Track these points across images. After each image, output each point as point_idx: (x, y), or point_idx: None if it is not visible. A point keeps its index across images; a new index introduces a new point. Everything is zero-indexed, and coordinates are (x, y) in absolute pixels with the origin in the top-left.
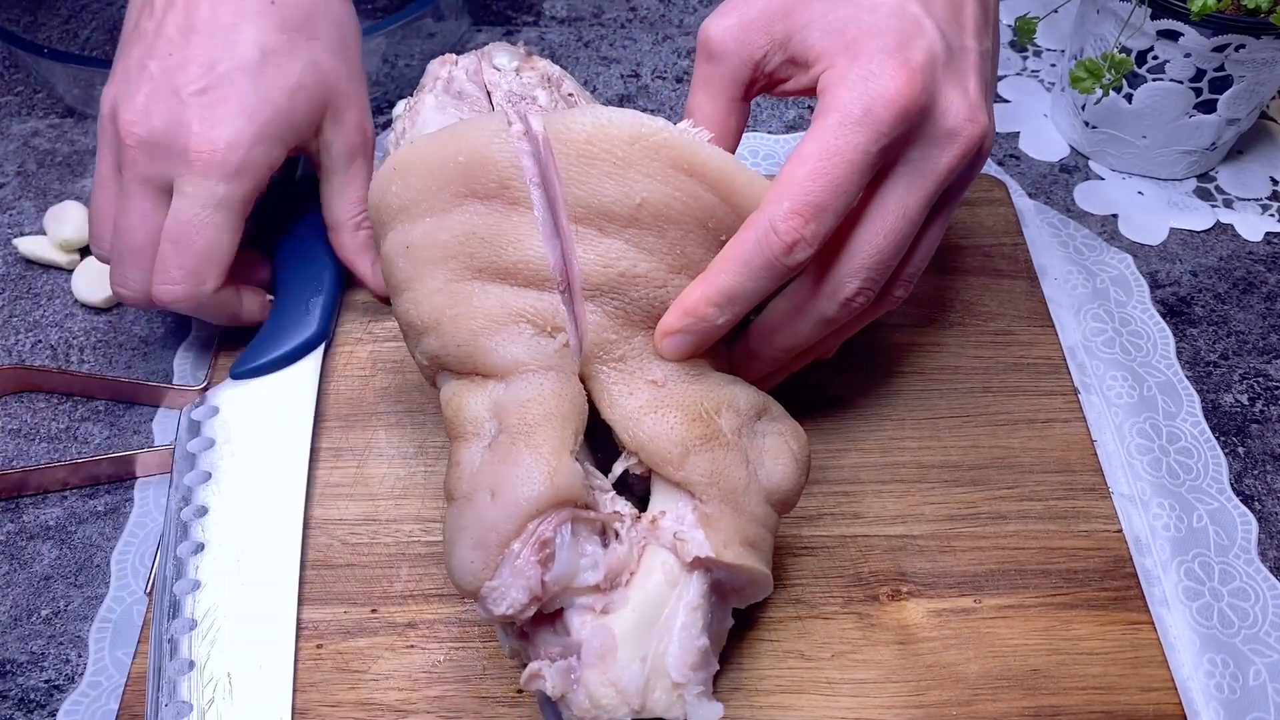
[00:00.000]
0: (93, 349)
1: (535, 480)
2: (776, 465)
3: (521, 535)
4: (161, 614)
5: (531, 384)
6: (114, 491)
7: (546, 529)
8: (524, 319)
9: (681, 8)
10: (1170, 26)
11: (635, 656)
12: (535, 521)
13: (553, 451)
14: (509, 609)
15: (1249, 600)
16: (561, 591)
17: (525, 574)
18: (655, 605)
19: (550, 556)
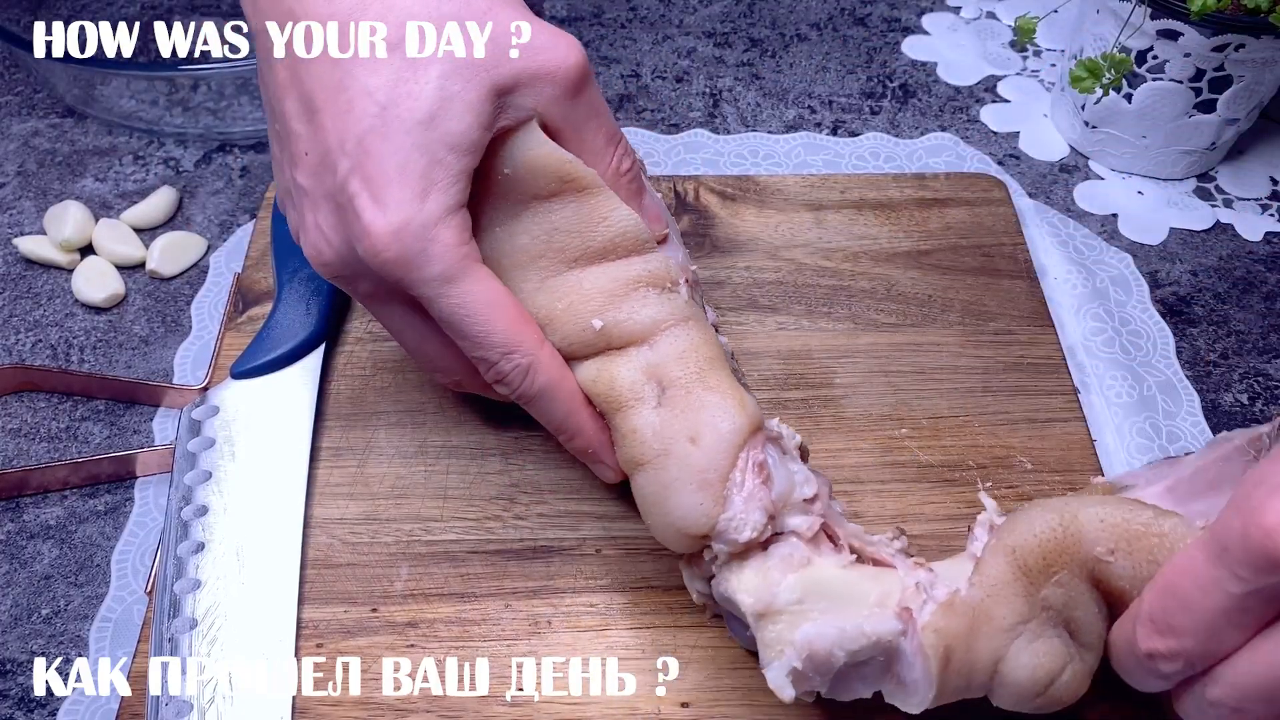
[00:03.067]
0: (93, 349)
1: (731, 414)
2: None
3: (736, 466)
4: (161, 613)
5: (678, 337)
6: (114, 491)
7: (758, 454)
8: (643, 284)
9: (681, 8)
10: (1170, 26)
11: (796, 592)
12: (744, 451)
13: (731, 386)
14: (753, 532)
15: None
16: (785, 509)
17: (757, 496)
18: (849, 594)
19: (769, 477)
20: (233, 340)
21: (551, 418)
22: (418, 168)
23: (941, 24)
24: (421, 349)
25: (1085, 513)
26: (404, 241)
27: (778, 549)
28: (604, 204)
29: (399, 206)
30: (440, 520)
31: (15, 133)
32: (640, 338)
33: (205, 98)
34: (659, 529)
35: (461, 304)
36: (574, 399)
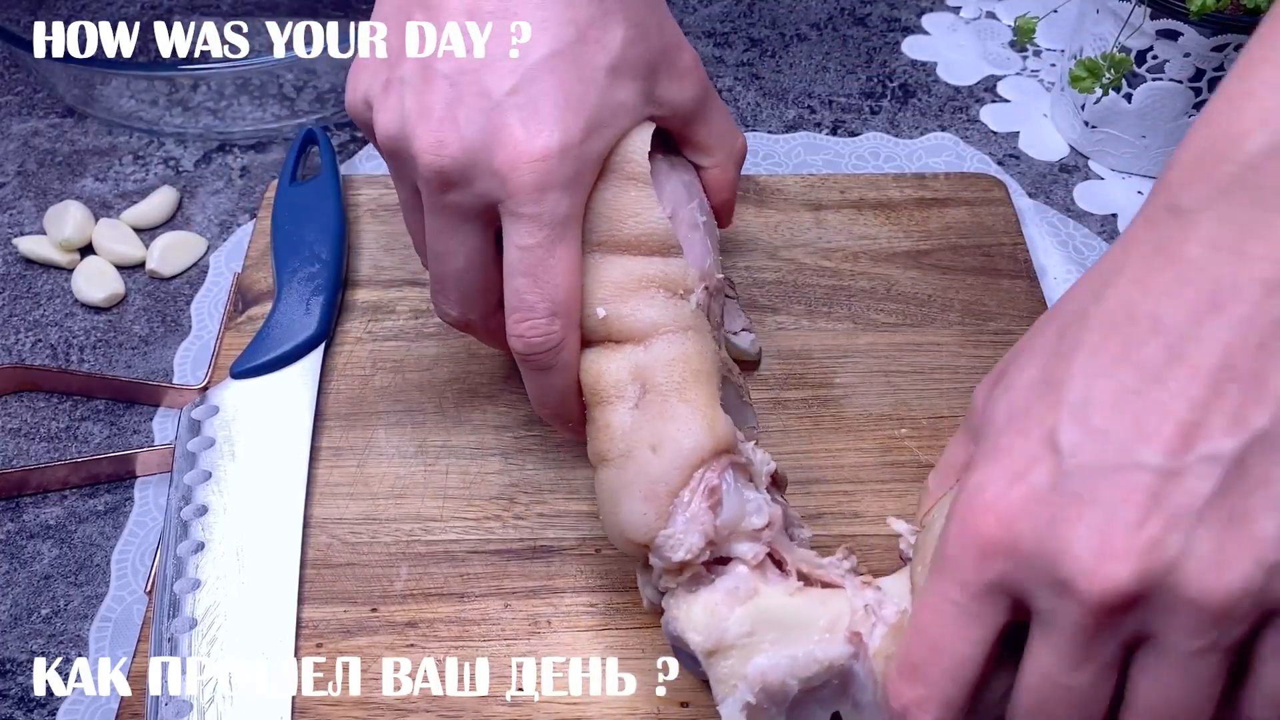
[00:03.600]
0: (93, 348)
1: (696, 431)
2: None
3: (689, 484)
4: (161, 613)
5: (673, 344)
6: (114, 491)
7: (713, 476)
8: (654, 284)
9: (681, 8)
10: (1170, 26)
11: (745, 624)
12: (700, 470)
13: (707, 404)
14: (687, 554)
15: None
16: (730, 536)
17: (699, 519)
18: (798, 621)
19: (719, 502)
20: (232, 340)
21: (549, 394)
22: (590, 107)
23: (941, 24)
24: (462, 276)
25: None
26: (552, 165)
27: (723, 582)
28: (642, 200)
29: (566, 132)
30: (440, 520)
31: (15, 133)
32: (638, 336)
33: (205, 98)
34: (608, 527)
35: (556, 248)
36: (575, 382)
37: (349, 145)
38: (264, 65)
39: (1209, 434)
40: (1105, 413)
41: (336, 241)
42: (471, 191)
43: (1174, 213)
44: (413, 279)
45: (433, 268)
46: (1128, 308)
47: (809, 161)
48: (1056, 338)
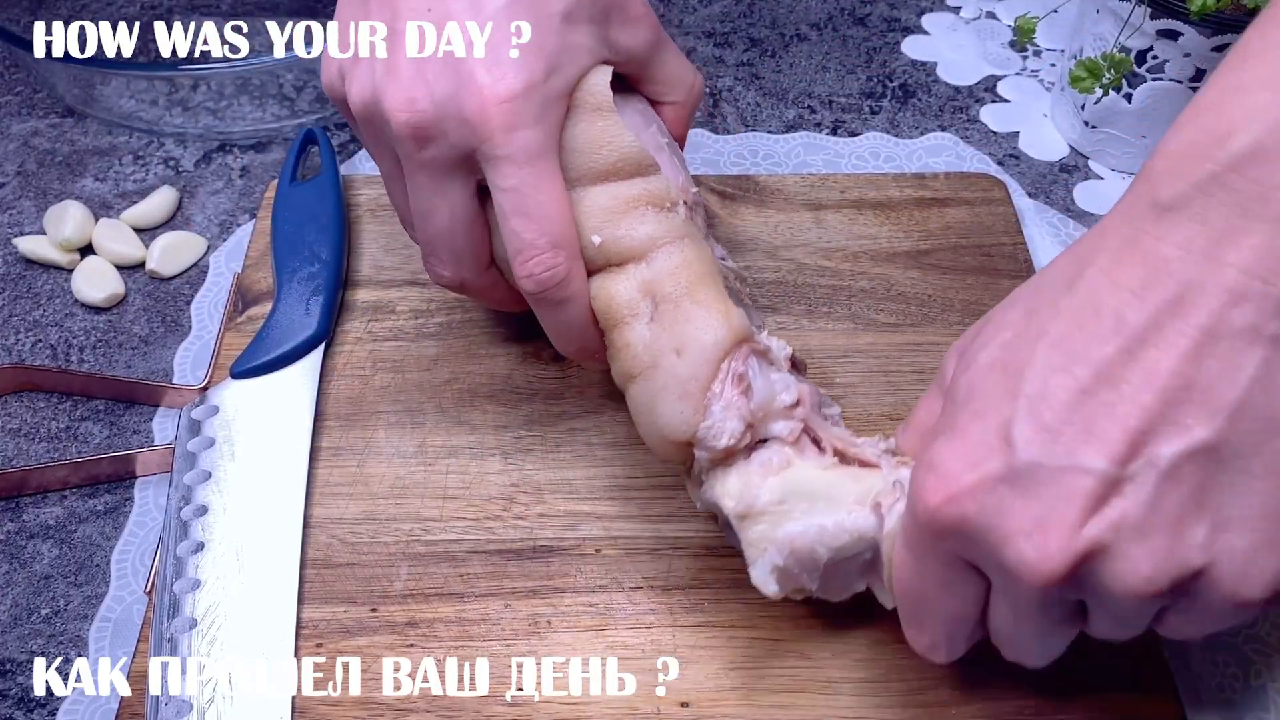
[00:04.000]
0: (93, 349)
1: (715, 326)
2: None
3: (718, 376)
4: (161, 613)
5: (672, 253)
6: (114, 491)
7: (738, 365)
8: (641, 203)
9: (681, 8)
10: (1170, 26)
11: (777, 493)
12: (726, 362)
13: (718, 300)
14: (730, 439)
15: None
16: (765, 417)
17: (735, 405)
18: (830, 494)
19: (749, 388)
20: (232, 340)
21: (568, 329)
22: (549, 49)
23: (941, 24)
24: (450, 233)
25: None
26: (519, 105)
27: (759, 454)
28: (610, 128)
29: (529, 74)
30: (440, 520)
31: (15, 133)
32: (638, 254)
33: (205, 98)
34: (648, 438)
35: (539, 183)
36: (589, 312)
37: (349, 145)
38: (264, 65)
39: (1154, 442)
40: (1058, 411)
41: (336, 241)
42: (447, 143)
43: (1154, 207)
44: (413, 279)
45: (421, 230)
46: (1094, 301)
47: (809, 161)
48: (1025, 319)
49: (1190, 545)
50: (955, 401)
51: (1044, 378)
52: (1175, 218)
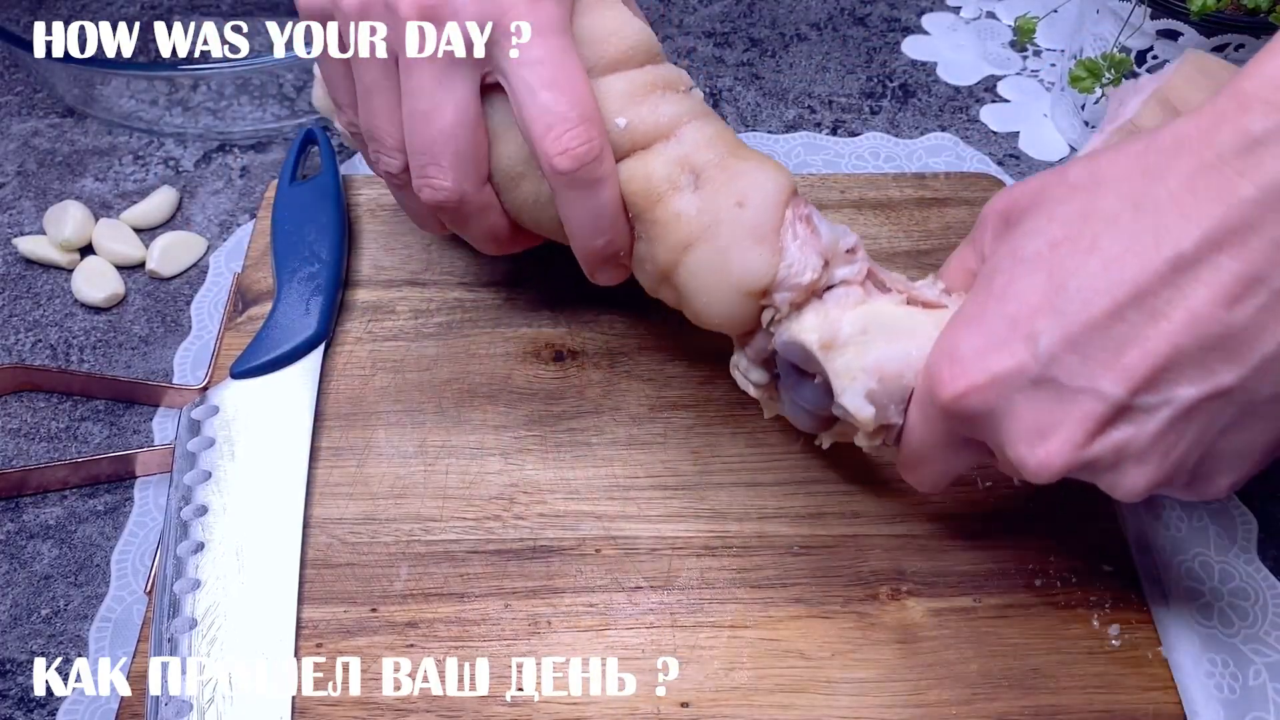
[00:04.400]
0: (93, 349)
1: (772, 175)
2: None
3: (785, 220)
4: (161, 613)
5: (700, 128)
6: (114, 491)
7: (802, 209)
8: (658, 87)
9: (681, 8)
10: (1170, 26)
11: (858, 325)
12: (788, 209)
13: (759, 160)
14: (814, 273)
15: (1249, 600)
16: (833, 258)
17: (809, 242)
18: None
19: (815, 229)
20: (232, 340)
21: (600, 217)
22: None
23: (941, 24)
24: (454, 134)
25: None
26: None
27: (832, 294)
28: (616, 17)
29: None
30: (440, 520)
31: (15, 133)
32: (664, 133)
33: (205, 98)
34: (719, 301)
35: (565, 57)
36: (620, 198)
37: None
38: (264, 65)
39: (1176, 381)
40: (1090, 332)
41: (336, 241)
42: (461, 24)
43: (1242, 135)
44: (413, 279)
45: (421, 136)
46: (1156, 227)
47: (809, 161)
48: (1080, 221)
49: (1181, 471)
50: (989, 287)
51: (1085, 295)
52: (1263, 154)
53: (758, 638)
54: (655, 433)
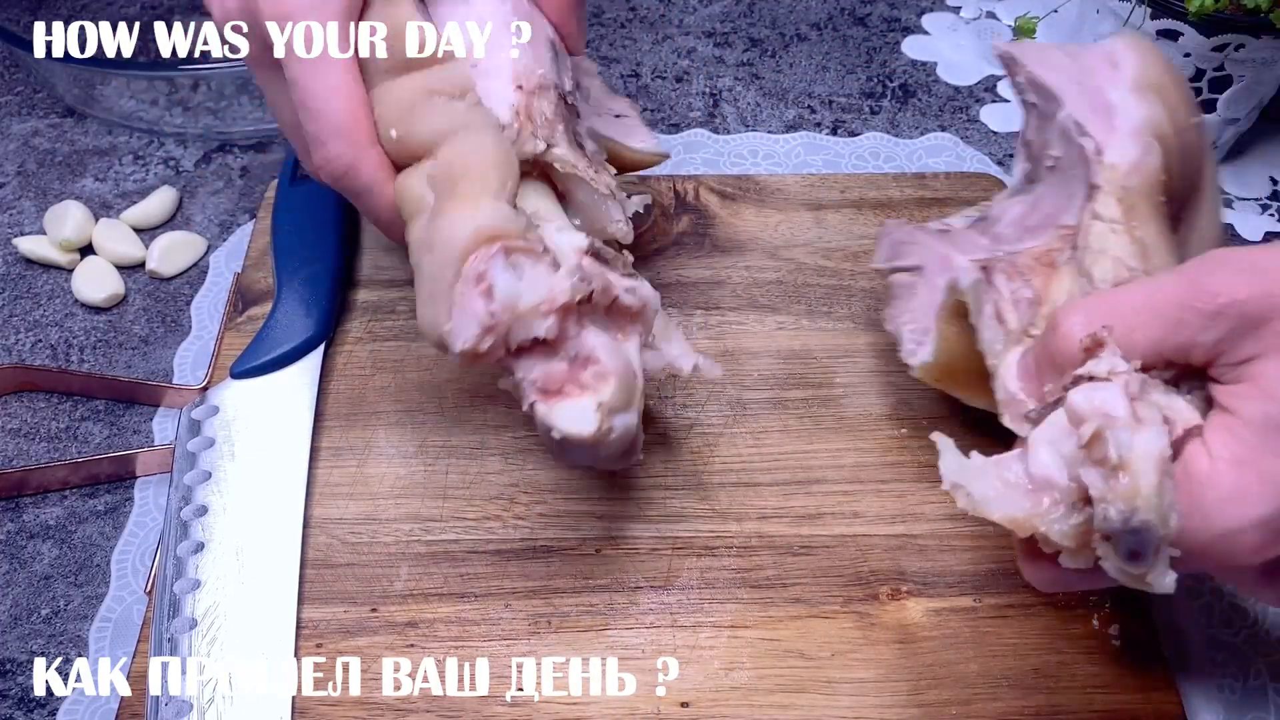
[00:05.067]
0: (93, 349)
1: (458, 223)
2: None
3: (461, 276)
4: (161, 613)
5: (452, 146)
6: (114, 491)
7: (478, 264)
8: (434, 93)
9: (681, 8)
10: (1170, 26)
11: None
12: (470, 260)
13: (475, 196)
14: (464, 344)
15: (1249, 600)
16: (514, 319)
17: (472, 309)
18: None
19: (490, 288)
20: (232, 340)
21: (374, 218)
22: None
23: (941, 24)
24: (281, 118)
25: None
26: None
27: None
28: (401, 12)
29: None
30: (440, 520)
31: (15, 133)
32: (428, 149)
33: (205, 98)
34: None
35: (310, 74)
36: (388, 201)
37: None
38: None
39: None
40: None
41: (336, 241)
42: (255, 43)
43: None
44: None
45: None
46: None
47: (809, 161)
48: None
49: None
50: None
51: None
52: None
53: (758, 638)
54: (655, 433)
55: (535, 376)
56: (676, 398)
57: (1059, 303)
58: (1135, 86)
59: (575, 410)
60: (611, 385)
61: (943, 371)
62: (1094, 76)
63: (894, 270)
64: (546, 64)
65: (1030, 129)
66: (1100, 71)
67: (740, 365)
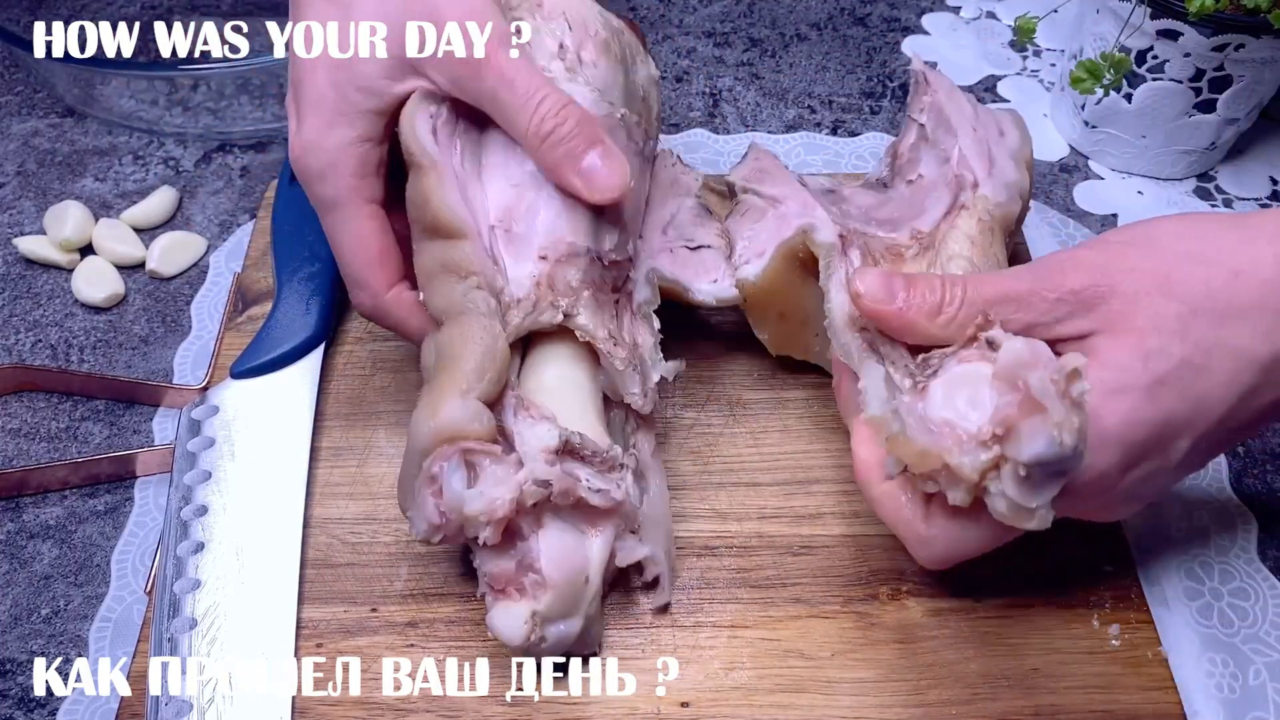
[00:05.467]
0: (93, 349)
1: (421, 423)
2: None
3: (424, 471)
4: (161, 613)
5: (447, 330)
6: (114, 491)
7: (432, 466)
8: (446, 270)
9: (681, 8)
10: (1170, 26)
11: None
12: (428, 460)
13: (443, 394)
14: (419, 534)
15: (1249, 600)
16: (461, 520)
17: (424, 507)
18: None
19: (439, 490)
20: (233, 340)
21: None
22: (330, 101)
23: (941, 24)
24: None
25: None
26: (308, 160)
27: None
28: (427, 185)
29: (311, 131)
30: None
31: (15, 133)
32: (438, 319)
33: (205, 98)
34: None
35: (335, 230)
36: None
37: None
38: (264, 65)
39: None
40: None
41: None
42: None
43: None
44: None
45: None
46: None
47: (809, 161)
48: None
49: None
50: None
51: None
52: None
53: (758, 638)
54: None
55: (486, 570)
56: (676, 398)
57: None
58: (1014, 155)
59: (507, 615)
60: (548, 596)
61: (759, 294)
62: (986, 131)
63: (748, 190)
64: (582, 230)
65: (905, 143)
66: (991, 131)
67: (740, 365)
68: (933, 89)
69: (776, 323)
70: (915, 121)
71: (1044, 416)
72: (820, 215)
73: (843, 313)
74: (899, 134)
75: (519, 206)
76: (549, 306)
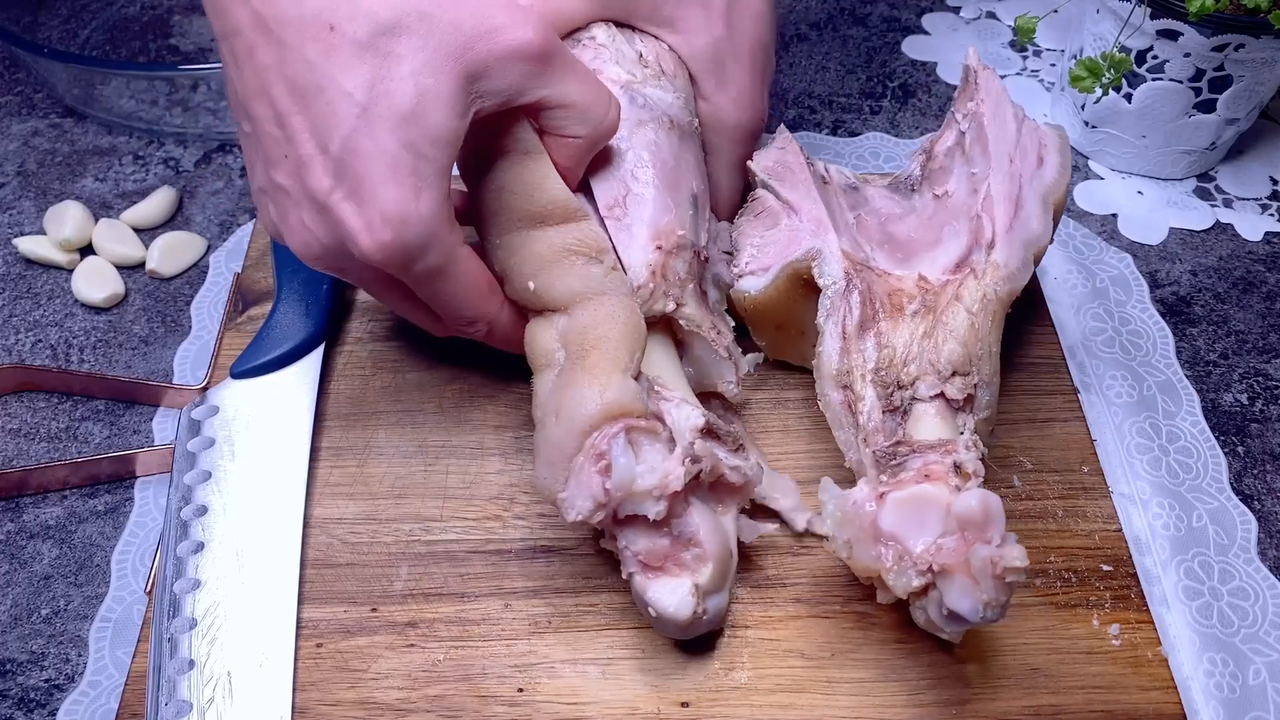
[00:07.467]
0: (93, 349)
1: (587, 399)
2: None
3: (583, 450)
4: (161, 613)
5: (586, 311)
6: (114, 491)
7: (600, 442)
8: (571, 251)
9: None
10: (1170, 26)
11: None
12: (593, 436)
13: (606, 370)
14: (578, 516)
15: (1249, 600)
16: (625, 497)
17: (587, 484)
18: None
19: (608, 467)
20: (233, 340)
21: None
22: (407, 165)
23: (941, 24)
24: (404, 311)
25: None
26: (403, 239)
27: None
28: (539, 171)
29: (397, 204)
30: (440, 520)
31: (15, 133)
32: (562, 304)
33: (205, 98)
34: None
35: (443, 289)
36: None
37: None
38: None
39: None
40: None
41: None
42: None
43: None
44: None
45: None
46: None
47: None
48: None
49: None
50: None
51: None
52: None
53: (758, 638)
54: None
55: (638, 549)
56: None
57: (898, 349)
58: (1045, 195)
59: (672, 590)
60: (710, 569)
61: (759, 311)
62: (1022, 163)
63: (766, 186)
64: (688, 223)
65: (941, 145)
66: (1028, 163)
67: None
68: (980, 95)
69: (773, 332)
70: (956, 123)
71: (976, 586)
72: (831, 242)
73: (831, 364)
74: (939, 128)
75: (619, 194)
76: (662, 296)
